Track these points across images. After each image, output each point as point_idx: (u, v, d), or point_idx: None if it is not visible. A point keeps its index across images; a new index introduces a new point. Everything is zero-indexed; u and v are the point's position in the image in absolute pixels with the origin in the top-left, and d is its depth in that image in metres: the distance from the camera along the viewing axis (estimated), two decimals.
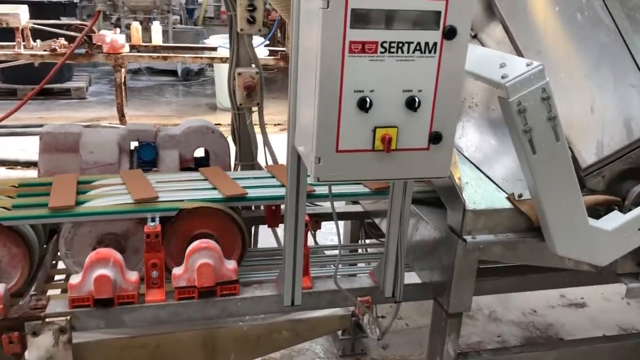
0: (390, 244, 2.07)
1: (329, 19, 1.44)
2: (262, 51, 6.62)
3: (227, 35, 8.06)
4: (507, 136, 1.84)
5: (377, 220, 2.81)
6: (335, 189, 2.35)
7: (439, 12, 1.50)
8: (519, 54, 1.99)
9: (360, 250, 3.19)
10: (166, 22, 9.33)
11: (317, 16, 1.46)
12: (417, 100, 1.55)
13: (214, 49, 7.17)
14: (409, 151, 1.61)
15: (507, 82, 1.66)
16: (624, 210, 2.00)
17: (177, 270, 2.05)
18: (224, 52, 6.91)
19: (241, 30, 2.44)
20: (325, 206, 2.94)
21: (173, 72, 9.97)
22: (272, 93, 8.88)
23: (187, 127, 2.70)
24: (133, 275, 2.01)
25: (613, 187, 2.06)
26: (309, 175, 1.65)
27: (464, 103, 2.20)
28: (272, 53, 6.61)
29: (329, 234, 3.94)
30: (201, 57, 6.89)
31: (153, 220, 2.08)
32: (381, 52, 1.50)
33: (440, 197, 2.13)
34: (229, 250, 2.22)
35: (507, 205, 1.98)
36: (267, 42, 6.97)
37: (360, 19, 1.46)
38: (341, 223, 3.43)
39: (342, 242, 3.01)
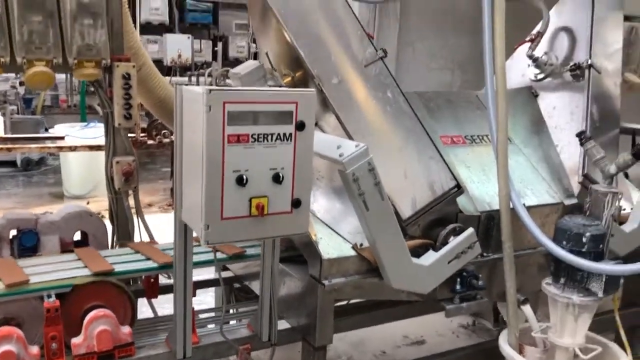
0: (264, 294, 2.50)
1: (212, 120, 1.92)
2: None
3: (73, 124, 8.06)
4: (347, 200, 2.41)
5: (247, 283, 3.22)
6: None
7: (291, 112, 2.05)
8: (350, 137, 2.61)
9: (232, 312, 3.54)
10: (2, 112, 9.05)
11: (201, 117, 1.92)
12: (281, 175, 2.06)
13: (62, 138, 7.21)
14: (277, 214, 2.10)
15: (344, 159, 2.24)
16: (436, 249, 2.65)
17: (76, 340, 2.27)
18: (72, 140, 6.99)
19: (119, 124, 2.80)
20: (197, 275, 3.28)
21: (11, 163, 9.59)
22: None
23: (66, 212, 2.93)
24: (34, 349, 2.20)
25: (427, 232, 2.72)
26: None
27: (313, 176, 2.76)
28: None
29: (199, 303, 4.24)
30: (49, 147, 6.88)
31: (49, 297, 2.30)
32: (252, 142, 2.01)
33: (302, 252, 2.63)
34: (120, 319, 2.48)
35: (353, 253, 2.54)
36: None
37: (235, 118, 1.96)
38: (213, 289, 3.77)
39: (220, 304, 3.35)
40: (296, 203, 2.12)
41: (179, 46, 13.02)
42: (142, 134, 6.71)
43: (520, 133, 3.35)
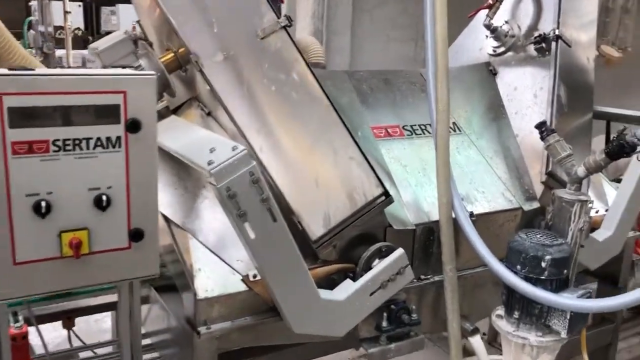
0: (123, 342, 1.89)
1: None
2: None
3: None
4: None
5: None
6: None
7: (117, 106, 1.41)
8: (240, 133, 1.98)
9: None
10: None
11: None
12: (106, 197, 1.43)
13: None
14: (106, 253, 1.48)
15: (213, 168, 1.61)
16: (356, 277, 2.06)
17: None
18: None
19: None
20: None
21: None
22: None
23: None
24: None
25: (346, 254, 2.11)
26: None
27: (198, 183, 2.13)
28: None
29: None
30: None
31: None
32: (55, 151, 1.37)
33: (177, 286, 2.02)
34: None
35: (243, 287, 1.93)
36: None
37: (22, 117, 1.31)
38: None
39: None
40: (136, 235, 1.49)
41: (134, 17, 12.13)
42: None
43: (473, 121, 2.74)
